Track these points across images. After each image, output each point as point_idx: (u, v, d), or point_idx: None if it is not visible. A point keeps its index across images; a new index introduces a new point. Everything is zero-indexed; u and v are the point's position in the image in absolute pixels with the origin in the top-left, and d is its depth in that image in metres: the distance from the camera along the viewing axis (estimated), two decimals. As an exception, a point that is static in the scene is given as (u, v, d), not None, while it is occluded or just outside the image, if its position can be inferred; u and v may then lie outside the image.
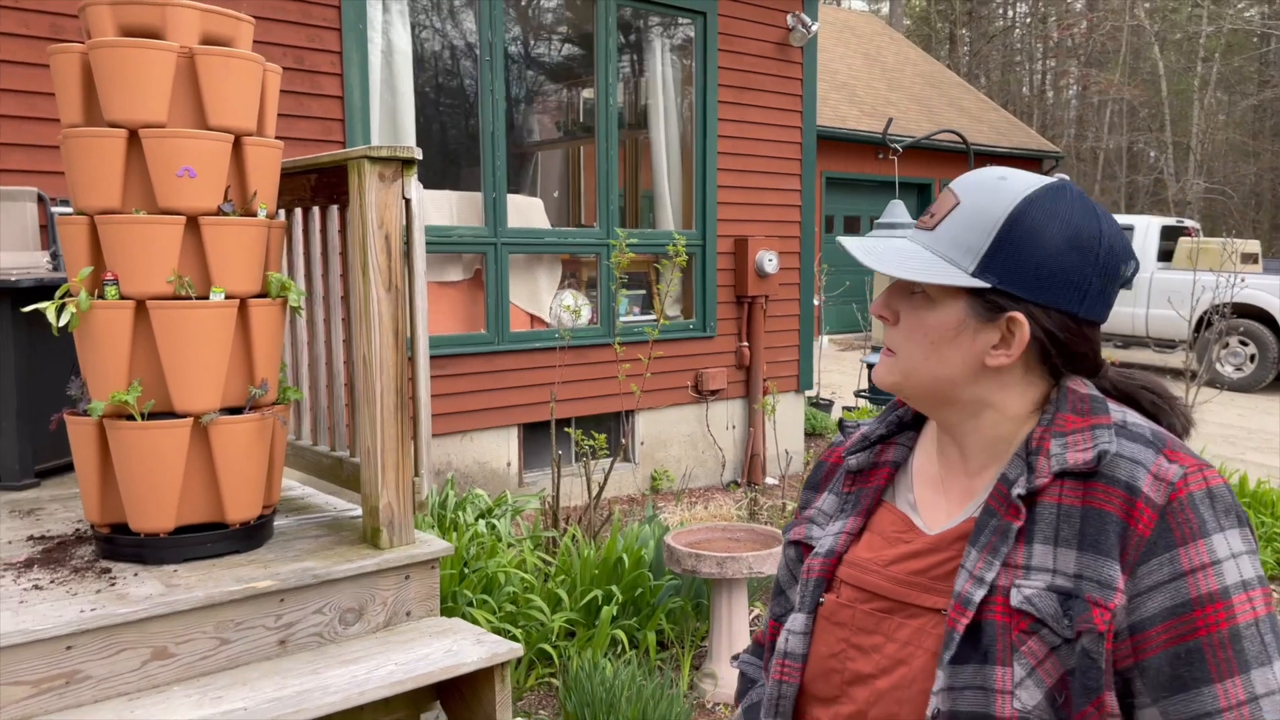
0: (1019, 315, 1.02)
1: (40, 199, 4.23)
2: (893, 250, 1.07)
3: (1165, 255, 12.47)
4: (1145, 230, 12.61)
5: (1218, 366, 11.72)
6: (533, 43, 7.12)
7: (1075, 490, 0.99)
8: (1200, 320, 8.19)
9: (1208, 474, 0.98)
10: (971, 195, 1.04)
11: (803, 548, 1.21)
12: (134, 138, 2.40)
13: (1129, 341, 12.82)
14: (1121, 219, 13.37)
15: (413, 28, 5.55)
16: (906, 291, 1.08)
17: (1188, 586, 0.93)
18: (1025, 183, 1.03)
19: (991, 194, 1.03)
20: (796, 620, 1.14)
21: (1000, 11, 35.05)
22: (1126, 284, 1.06)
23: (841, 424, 1.29)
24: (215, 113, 2.45)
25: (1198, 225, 13.57)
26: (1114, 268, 1.03)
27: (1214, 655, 0.92)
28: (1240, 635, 0.92)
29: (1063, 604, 0.96)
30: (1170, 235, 12.67)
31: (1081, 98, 32.81)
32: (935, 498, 1.12)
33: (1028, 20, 34.88)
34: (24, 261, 4.02)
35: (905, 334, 1.08)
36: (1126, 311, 12.52)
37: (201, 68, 2.42)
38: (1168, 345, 12.13)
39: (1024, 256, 1.01)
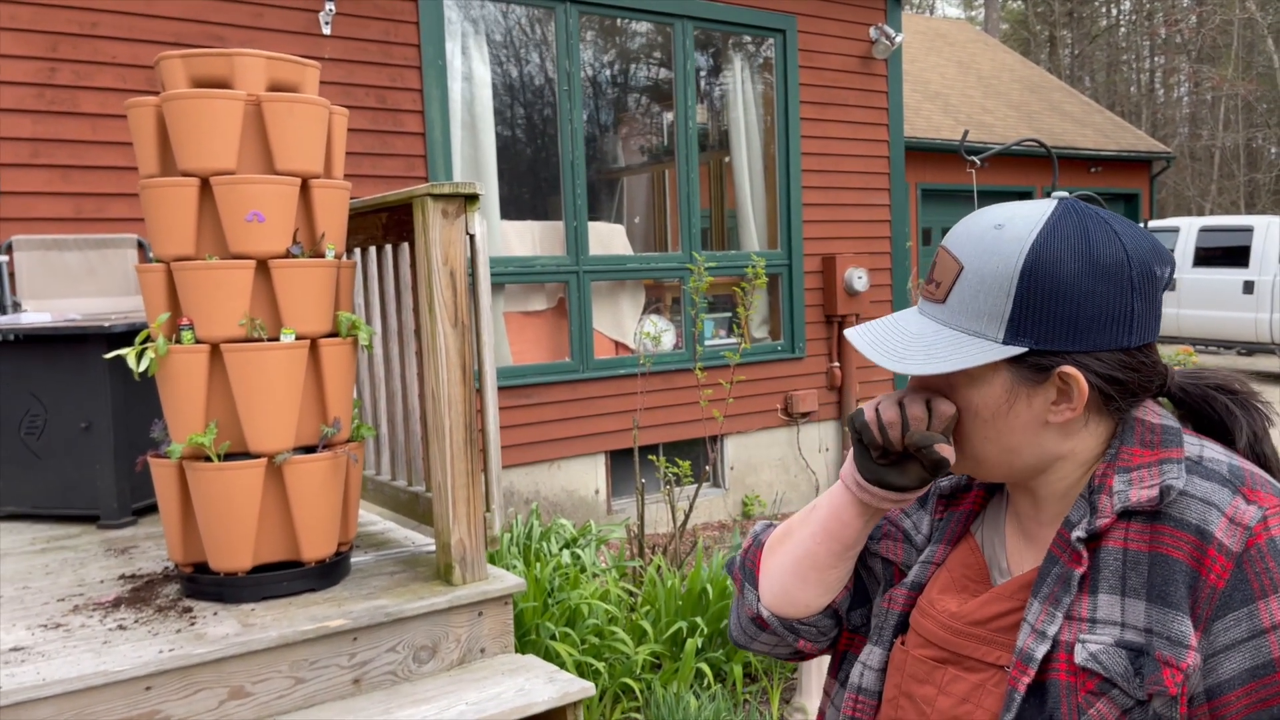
0: (1069, 369, 0.91)
1: (140, 245, 4.41)
2: (908, 338, 0.95)
3: (1289, 256, 11.80)
4: (1265, 231, 11.96)
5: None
6: (611, 69, 7.15)
7: (1142, 533, 0.89)
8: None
9: None
10: (973, 256, 0.93)
11: (895, 570, 1.10)
12: (205, 185, 2.46)
13: (1253, 349, 12.15)
14: (1239, 219, 12.71)
15: (490, 62, 5.63)
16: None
17: (1269, 645, 0.83)
18: (1026, 224, 0.92)
19: (993, 249, 0.92)
20: (873, 655, 1.06)
21: (1103, 11, 33.91)
22: (1167, 286, 0.95)
23: None
24: (282, 157, 2.49)
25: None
26: (1151, 281, 0.91)
27: None
28: None
29: (1133, 661, 0.86)
30: (1293, 235, 11.98)
31: (1194, 95, 31.45)
32: (1020, 538, 1.02)
33: (1132, 18, 33.67)
34: (123, 306, 4.19)
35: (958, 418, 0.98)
36: (1249, 317, 11.88)
37: (268, 114, 2.47)
38: (1295, 351, 11.44)
39: (1053, 309, 0.90)
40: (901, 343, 0.95)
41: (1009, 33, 32.98)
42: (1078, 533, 0.91)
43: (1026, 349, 0.91)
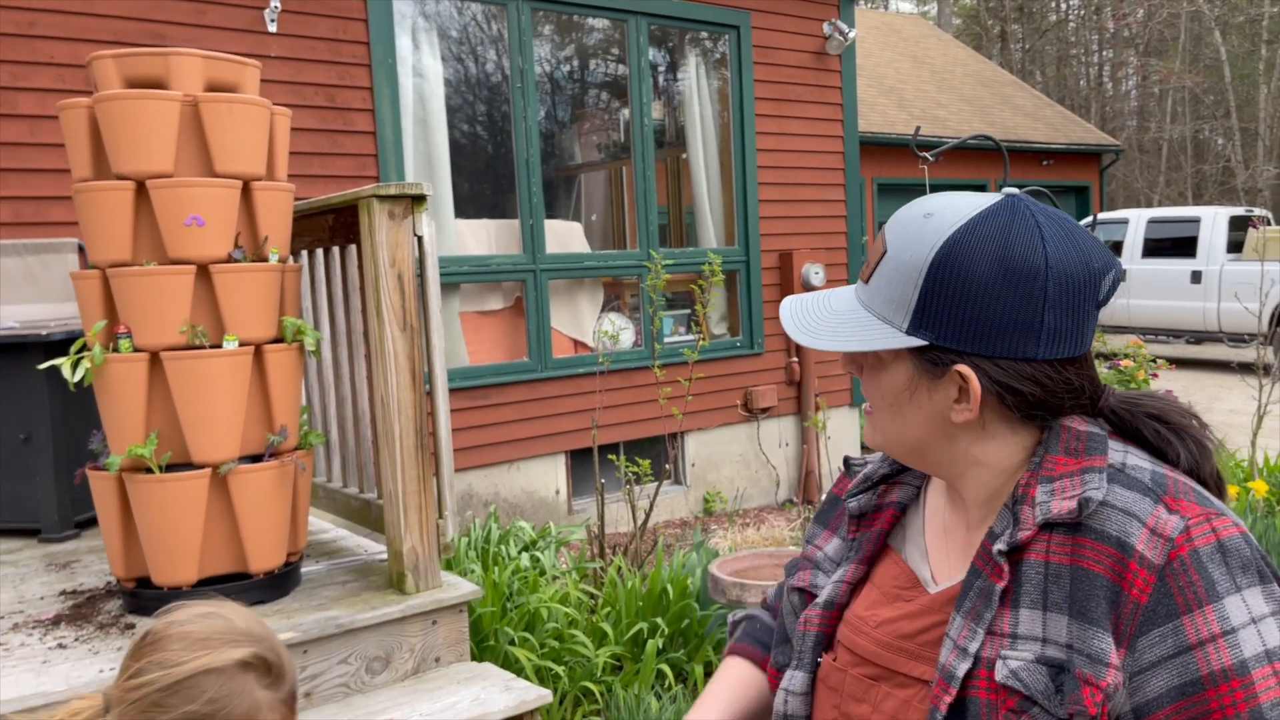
0: (963, 368, 0.89)
1: (81, 250, 4.29)
2: (827, 314, 0.96)
3: (1235, 246, 12.03)
4: (1212, 222, 12.19)
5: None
6: (566, 66, 7.11)
7: (1064, 546, 0.86)
8: (1276, 313, 7.81)
9: (1217, 524, 0.84)
10: (897, 241, 0.92)
11: (806, 595, 1.09)
12: (142, 189, 2.39)
13: (1201, 337, 12.38)
14: (1187, 211, 12.93)
15: (442, 59, 5.56)
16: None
17: (1197, 662, 0.80)
18: (954, 217, 0.89)
19: (915, 237, 0.90)
20: (795, 679, 1.04)
21: (1052, 5, 34.37)
22: (1105, 301, 0.91)
23: (847, 461, 1.16)
24: (222, 159, 2.42)
25: (1267, 214, 13.03)
26: (1071, 295, 0.88)
27: None
28: (1264, 717, 0.78)
29: (1054, 678, 0.83)
30: (1239, 225, 12.22)
31: (1141, 88, 31.98)
32: (945, 548, 1.00)
33: (1081, 13, 34.15)
34: (65, 313, 4.07)
35: (870, 394, 0.98)
36: (1197, 306, 12.10)
37: (206, 115, 2.40)
38: (1242, 340, 11.66)
39: (956, 306, 0.88)
40: (818, 319, 0.96)
41: (961, 28, 33.33)
42: (999, 545, 0.88)
43: (927, 342, 0.90)
